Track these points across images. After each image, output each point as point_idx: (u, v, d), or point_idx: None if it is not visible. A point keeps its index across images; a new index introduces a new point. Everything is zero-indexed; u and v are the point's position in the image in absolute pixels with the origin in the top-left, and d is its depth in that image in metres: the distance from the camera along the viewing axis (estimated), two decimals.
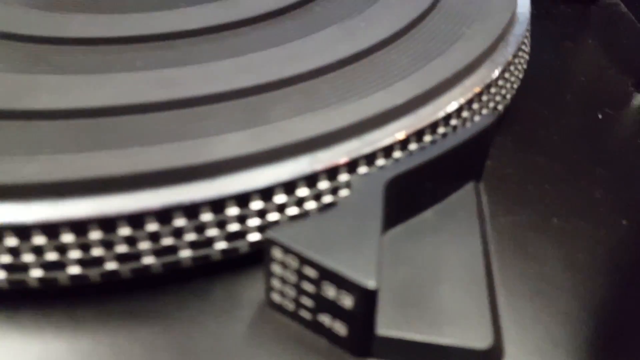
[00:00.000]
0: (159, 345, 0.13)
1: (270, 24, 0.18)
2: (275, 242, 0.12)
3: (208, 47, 0.17)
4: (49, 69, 0.16)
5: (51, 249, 0.12)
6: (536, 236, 0.15)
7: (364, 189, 0.13)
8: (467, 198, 0.16)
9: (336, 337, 0.13)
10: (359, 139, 0.14)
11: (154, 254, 0.13)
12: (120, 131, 0.14)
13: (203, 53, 0.17)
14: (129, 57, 0.16)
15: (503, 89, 0.18)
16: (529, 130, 0.20)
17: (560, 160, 0.18)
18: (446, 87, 0.16)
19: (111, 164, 0.13)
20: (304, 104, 0.14)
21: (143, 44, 0.17)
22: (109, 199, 0.12)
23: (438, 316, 0.13)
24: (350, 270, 0.11)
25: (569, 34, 0.27)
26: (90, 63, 0.16)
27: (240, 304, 0.14)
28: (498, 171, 0.18)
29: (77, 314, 0.13)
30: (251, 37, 0.17)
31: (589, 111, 0.21)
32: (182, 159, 0.13)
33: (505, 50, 0.18)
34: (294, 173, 0.13)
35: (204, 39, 0.17)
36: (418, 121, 0.15)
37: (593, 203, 0.17)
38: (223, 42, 0.17)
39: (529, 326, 0.13)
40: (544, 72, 0.23)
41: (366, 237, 0.12)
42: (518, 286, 0.14)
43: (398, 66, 0.16)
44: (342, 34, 0.17)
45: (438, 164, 0.14)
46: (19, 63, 0.16)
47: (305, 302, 0.13)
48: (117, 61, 0.16)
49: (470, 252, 0.14)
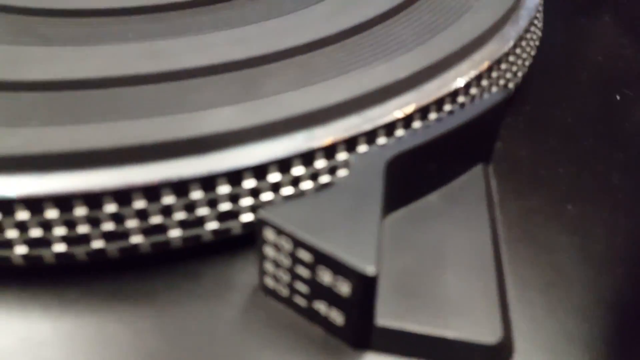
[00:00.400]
0: (146, 328, 0.12)
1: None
2: (268, 223, 0.11)
3: (201, 20, 0.16)
4: (36, 40, 0.15)
5: (35, 224, 0.12)
6: (549, 223, 0.15)
7: (363, 168, 0.12)
8: (475, 181, 0.15)
9: (332, 326, 0.12)
10: (359, 115, 0.13)
11: (142, 233, 0.12)
12: (108, 104, 0.13)
13: (196, 25, 0.16)
14: (119, 29, 0.16)
15: (514, 66, 0.17)
16: (542, 111, 0.18)
17: (574, 143, 0.17)
18: (452, 61, 0.15)
19: (97, 137, 0.12)
20: (300, 78, 0.14)
21: (134, 16, 0.16)
22: (95, 173, 0.12)
23: (443, 307, 0.12)
24: (347, 254, 0.11)
25: (584, 9, 0.25)
26: (80, 35, 0.16)
27: (232, 287, 0.13)
28: (508, 153, 0.17)
29: (63, 294, 0.13)
30: (246, 10, 0.17)
31: (606, 92, 0.20)
32: (171, 132, 0.12)
33: (516, 24, 0.17)
34: (289, 150, 0.12)
35: (196, 11, 0.16)
36: (422, 97, 0.14)
37: (610, 189, 0.16)
38: (217, 14, 0.16)
39: (541, 320, 0.12)
40: (558, 50, 0.22)
41: (365, 219, 0.11)
42: (529, 277, 0.13)
43: (401, 39, 0.15)
44: (342, 4, 0.16)
45: (444, 143, 0.13)
46: (6, 35, 0.15)
47: (299, 288, 0.12)
48: (108, 33, 0.16)
49: (477, 239, 0.13)
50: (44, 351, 0.12)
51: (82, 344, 0.12)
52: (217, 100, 0.13)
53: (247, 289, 0.13)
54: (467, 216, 0.14)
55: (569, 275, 0.13)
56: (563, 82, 0.20)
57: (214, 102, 0.13)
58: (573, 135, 0.18)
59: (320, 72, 0.14)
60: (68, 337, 0.12)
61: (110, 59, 0.14)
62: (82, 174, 0.12)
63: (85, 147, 0.12)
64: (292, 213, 0.11)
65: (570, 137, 0.17)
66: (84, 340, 0.12)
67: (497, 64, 0.16)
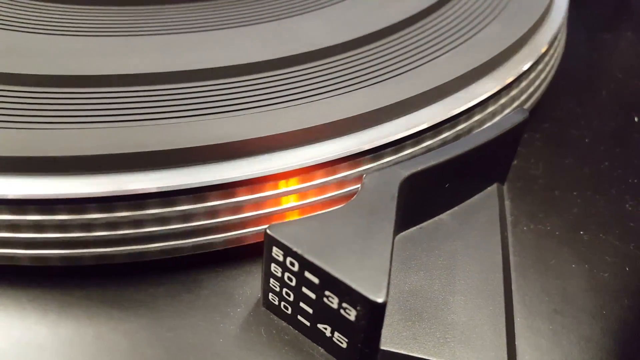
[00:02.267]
0: (144, 339, 0.12)
1: None
2: (276, 241, 0.11)
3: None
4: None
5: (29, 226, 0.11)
6: (560, 249, 0.14)
7: (376, 187, 0.12)
8: (489, 202, 0.14)
9: (336, 349, 0.11)
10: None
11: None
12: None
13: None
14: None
15: (537, 80, 0.16)
16: (560, 129, 0.18)
17: (590, 165, 0.17)
18: (471, 79, 0.14)
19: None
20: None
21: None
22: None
23: (449, 333, 0.12)
24: (357, 281, 0.10)
25: (607, 25, 0.25)
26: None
27: (233, 301, 0.12)
28: (524, 172, 0.16)
29: (63, 298, 0.12)
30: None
31: (624, 112, 0.19)
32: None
33: (540, 39, 0.17)
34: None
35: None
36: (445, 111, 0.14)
37: (623, 216, 0.15)
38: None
39: (546, 350, 0.12)
40: (579, 66, 0.21)
41: (377, 242, 0.11)
42: (537, 304, 0.13)
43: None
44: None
45: (460, 163, 0.13)
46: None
47: (304, 308, 0.11)
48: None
49: (488, 263, 0.13)
50: (41, 356, 0.11)
51: (80, 351, 0.11)
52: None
53: (248, 303, 0.12)
54: (479, 238, 0.13)
55: (577, 304, 0.13)
56: (582, 99, 0.20)
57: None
58: (589, 157, 0.17)
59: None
60: (66, 342, 0.12)
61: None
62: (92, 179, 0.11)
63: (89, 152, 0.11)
64: (302, 232, 0.11)
65: (586, 159, 0.17)
66: (82, 347, 0.12)
67: (520, 78, 0.15)
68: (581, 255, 0.14)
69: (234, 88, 0.13)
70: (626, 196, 0.16)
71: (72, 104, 0.12)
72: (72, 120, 0.12)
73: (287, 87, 0.13)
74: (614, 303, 0.13)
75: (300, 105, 0.13)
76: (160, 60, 0.14)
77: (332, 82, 0.14)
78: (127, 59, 0.13)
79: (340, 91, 0.13)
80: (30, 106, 0.12)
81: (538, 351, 0.12)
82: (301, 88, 0.13)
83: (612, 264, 0.14)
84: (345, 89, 0.13)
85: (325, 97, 0.13)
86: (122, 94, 0.13)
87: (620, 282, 0.14)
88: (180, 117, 0.12)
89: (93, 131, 0.12)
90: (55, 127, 0.12)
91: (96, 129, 0.12)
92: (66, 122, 0.12)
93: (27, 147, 0.11)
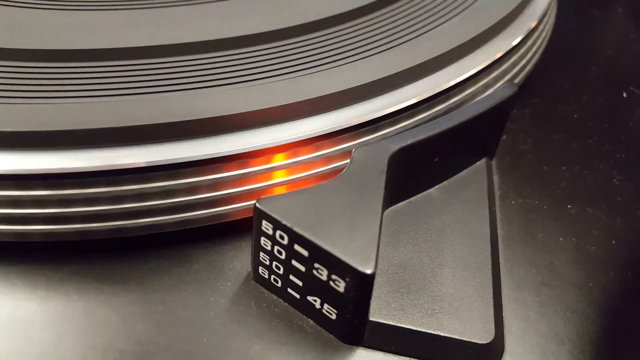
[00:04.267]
0: (134, 313, 0.12)
1: None
2: (265, 214, 0.11)
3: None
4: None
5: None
6: (548, 223, 0.14)
7: (366, 161, 0.12)
8: (477, 176, 0.14)
9: (325, 320, 0.12)
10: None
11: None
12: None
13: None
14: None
15: (527, 55, 0.16)
16: (549, 104, 0.18)
17: (578, 140, 0.17)
18: (463, 52, 0.14)
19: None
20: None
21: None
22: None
23: (437, 305, 0.12)
24: (346, 253, 0.10)
25: (597, 1, 0.25)
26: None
27: (223, 275, 0.13)
28: (513, 147, 0.16)
29: (52, 274, 0.12)
30: None
31: (613, 88, 0.19)
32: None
33: (529, 14, 0.17)
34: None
35: None
36: (433, 86, 0.14)
37: (610, 190, 0.16)
38: None
39: (532, 321, 0.12)
40: (569, 40, 0.21)
41: (366, 215, 0.11)
42: (524, 276, 0.13)
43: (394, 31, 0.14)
44: None
45: (449, 138, 0.13)
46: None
47: (294, 281, 0.11)
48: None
49: (476, 236, 0.13)
50: (31, 331, 0.11)
51: (70, 326, 0.11)
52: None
53: (238, 277, 0.12)
54: (467, 212, 0.14)
55: (563, 277, 0.13)
56: (572, 75, 0.20)
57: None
58: (578, 132, 0.17)
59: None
60: (56, 318, 0.12)
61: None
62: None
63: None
64: (292, 205, 0.11)
65: (575, 134, 0.17)
66: (72, 321, 0.12)
67: (510, 53, 0.15)
68: (568, 228, 0.14)
69: (217, 63, 0.13)
70: (614, 171, 0.16)
71: (55, 78, 0.12)
72: (54, 95, 0.12)
73: (272, 62, 0.13)
74: (600, 275, 0.13)
75: (285, 80, 0.13)
76: (147, 34, 0.13)
77: (318, 57, 0.13)
78: (115, 32, 0.13)
79: (329, 65, 0.13)
80: (12, 81, 0.12)
81: (525, 322, 0.12)
82: (286, 63, 0.13)
83: (599, 237, 0.14)
84: (333, 64, 0.13)
85: (312, 72, 0.13)
86: (109, 69, 0.12)
87: (606, 254, 0.14)
88: (164, 91, 0.12)
89: (76, 106, 0.11)
90: (36, 102, 0.11)
91: (79, 104, 0.12)
92: (48, 97, 0.12)
93: (7, 122, 0.11)
